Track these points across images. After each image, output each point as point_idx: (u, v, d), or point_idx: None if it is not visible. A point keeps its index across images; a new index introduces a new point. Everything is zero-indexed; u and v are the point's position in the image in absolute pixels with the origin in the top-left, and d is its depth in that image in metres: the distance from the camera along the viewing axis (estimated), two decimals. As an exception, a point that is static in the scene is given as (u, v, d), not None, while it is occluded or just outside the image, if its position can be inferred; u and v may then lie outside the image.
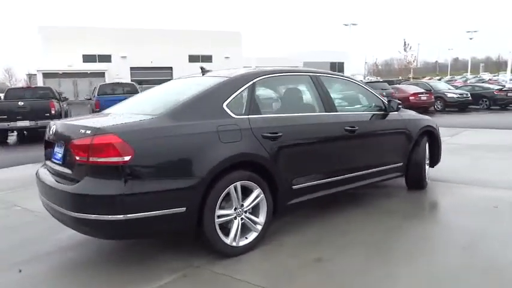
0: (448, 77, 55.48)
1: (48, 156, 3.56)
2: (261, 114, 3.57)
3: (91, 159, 2.83)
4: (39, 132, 12.68)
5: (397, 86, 20.88)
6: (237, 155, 3.23)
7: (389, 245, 3.51)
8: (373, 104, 4.70)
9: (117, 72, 38.17)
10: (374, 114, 4.58)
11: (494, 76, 55.12)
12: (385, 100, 4.76)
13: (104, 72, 39.64)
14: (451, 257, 3.21)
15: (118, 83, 18.00)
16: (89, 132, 2.89)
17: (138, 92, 15.72)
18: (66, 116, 14.06)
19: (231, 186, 3.21)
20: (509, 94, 21.04)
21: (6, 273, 3.20)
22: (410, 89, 19.80)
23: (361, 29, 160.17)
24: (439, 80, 45.82)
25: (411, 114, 5.17)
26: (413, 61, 42.05)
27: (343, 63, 56.63)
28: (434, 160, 5.41)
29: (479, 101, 21.11)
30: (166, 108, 3.19)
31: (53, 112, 12.56)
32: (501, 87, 22.41)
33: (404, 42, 36.40)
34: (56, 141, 3.36)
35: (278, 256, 3.33)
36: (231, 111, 3.36)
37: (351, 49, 50.74)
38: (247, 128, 3.35)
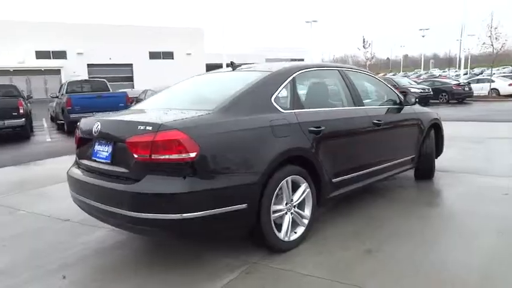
0: (402, 73, 58.00)
1: (85, 155, 3.37)
2: (304, 108, 3.58)
3: (154, 156, 2.72)
4: (5, 132, 12.00)
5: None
6: (290, 149, 3.23)
7: (430, 233, 3.64)
8: (391, 98, 4.84)
9: (74, 70, 36.47)
10: (393, 108, 4.72)
11: (444, 72, 58.37)
12: (401, 95, 4.93)
13: (60, 70, 37.78)
14: (491, 240, 3.40)
15: (87, 80, 17.24)
16: (149, 128, 2.77)
17: (109, 90, 15.13)
18: (30, 115, 13.32)
19: (284, 181, 3.20)
20: (465, 89, 22.39)
21: (50, 280, 3.01)
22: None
23: (321, 26, 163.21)
24: (393, 75, 47.69)
25: (420, 107, 5.38)
26: (372, 58, 43.43)
27: (303, 59, 57.52)
28: (439, 151, 5.66)
29: (439, 96, 22.28)
30: (219, 103, 3.12)
31: (21, 111, 11.86)
32: (458, 82, 23.74)
33: (364, 39, 37.33)
34: (99, 139, 3.19)
35: (329, 249, 3.36)
36: (278, 105, 3.35)
37: (311, 46, 51.55)
38: (296, 122, 3.36)
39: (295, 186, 3.37)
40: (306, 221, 3.45)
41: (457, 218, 4.01)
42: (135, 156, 2.80)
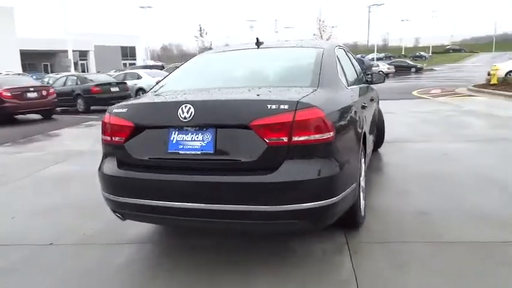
0: None
1: (148, 149, 2.65)
2: (349, 86, 3.59)
3: (295, 138, 2.36)
4: None
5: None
6: (368, 124, 3.25)
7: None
8: (363, 77, 5.23)
9: None
10: (368, 87, 5.13)
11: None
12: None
13: None
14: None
15: None
16: (285, 107, 2.37)
17: None
18: None
19: (363, 158, 3.22)
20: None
21: None
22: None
23: (156, 12, 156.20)
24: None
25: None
26: (210, 47, 44.53)
27: (134, 47, 54.84)
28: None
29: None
30: (310, 80, 2.87)
31: None
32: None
33: (200, 27, 37.96)
34: (187, 126, 2.54)
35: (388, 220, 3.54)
36: (342, 82, 3.29)
37: (145, 32, 49.36)
38: (356, 99, 3.37)
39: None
40: (363, 194, 3.53)
41: (400, 169, 4.88)
42: (267, 141, 2.38)
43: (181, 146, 2.55)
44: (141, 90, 17.09)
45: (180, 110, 2.50)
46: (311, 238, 3.15)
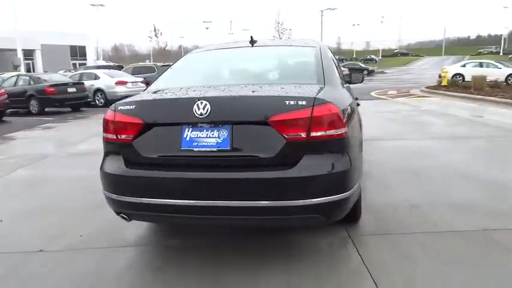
0: None
1: (159, 147, 2.57)
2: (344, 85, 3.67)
3: (313, 134, 2.40)
4: None
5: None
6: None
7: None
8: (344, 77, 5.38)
9: None
10: (349, 86, 5.28)
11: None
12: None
13: None
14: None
15: None
16: (303, 103, 2.40)
17: None
18: None
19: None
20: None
21: None
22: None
23: (107, 11, 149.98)
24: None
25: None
26: (165, 47, 43.73)
27: (84, 47, 52.67)
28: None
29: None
30: (315, 78, 2.91)
31: None
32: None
33: (155, 27, 37.16)
34: (202, 123, 2.49)
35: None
36: (339, 80, 3.37)
37: (95, 32, 47.52)
38: (353, 97, 3.47)
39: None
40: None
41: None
42: (285, 136, 2.39)
43: (196, 143, 2.50)
44: (99, 92, 16.45)
45: (195, 107, 2.45)
46: (313, 233, 3.20)
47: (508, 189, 4.16)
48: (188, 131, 2.52)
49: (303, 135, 2.39)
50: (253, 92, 2.67)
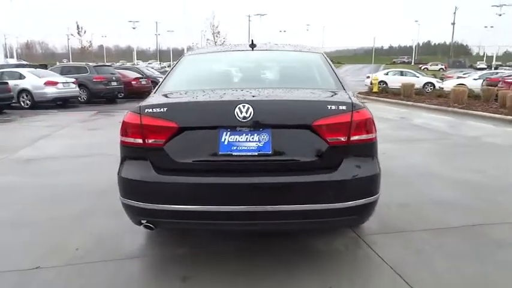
0: (146, 63, 58.09)
1: (194, 151, 2.46)
2: None
3: (352, 138, 2.47)
4: None
5: (118, 70, 20.54)
6: None
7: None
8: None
9: None
10: None
11: (149, 64, 62.57)
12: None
13: None
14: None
15: None
16: (343, 108, 2.46)
17: None
18: None
19: None
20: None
21: None
22: (130, 74, 20.04)
23: (17, 4, 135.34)
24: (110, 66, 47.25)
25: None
26: (89, 46, 41.13)
27: (-5, 43, 47.73)
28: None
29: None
30: (334, 83, 3.00)
31: None
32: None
33: (77, 25, 34.86)
34: (242, 126, 2.43)
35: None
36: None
37: (2, 28, 43.34)
38: None
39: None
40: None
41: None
42: (328, 140, 2.43)
43: (235, 147, 2.44)
44: (24, 92, 15.03)
45: (237, 110, 2.40)
46: (324, 236, 3.27)
47: (474, 187, 4.62)
48: (226, 135, 2.45)
49: (343, 139, 2.46)
50: (293, 96, 2.68)
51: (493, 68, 40.32)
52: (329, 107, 2.47)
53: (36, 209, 4.00)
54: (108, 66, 19.93)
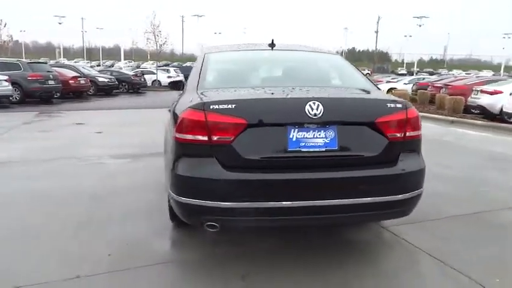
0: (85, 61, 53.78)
1: (262, 148, 2.46)
2: None
3: (408, 134, 2.64)
4: None
5: (54, 68, 19.06)
6: None
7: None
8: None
9: None
10: None
11: (76, 62, 59.08)
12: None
13: None
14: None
15: None
16: (399, 106, 2.62)
17: None
18: None
19: None
20: (142, 79, 24.41)
21: None
22: (67, 72, 18.75)
23: None
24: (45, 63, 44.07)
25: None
26: (9, 42, 37.58)
27: None
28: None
29: (120, 85, 23.02)
30: (365, 83, 3.15)
31: None
32: (136, 73, 25.38)
33: (-2, 18, 31.70)
34: (310, 123, 2.47)
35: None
36: None
37: None
38: None
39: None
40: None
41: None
42: (388, 136, 2.57)
43: (303, 144, 2.49)
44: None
45: (307, 107, 2.45)
46: (351, 230, 3.41)
47: (452, 180, 5.07)
48: (294, 131, 2.49)
49: (400, 135, 2.63)
50: (356, 94, 2.79)
51: (414, 74, 44.00)
52: (388, 105, 2.62)
53: (43, 218, 3.66)
54: (44, 63, 18.46)
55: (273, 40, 3.72)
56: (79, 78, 18.51)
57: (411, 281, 2.69)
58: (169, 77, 28.13)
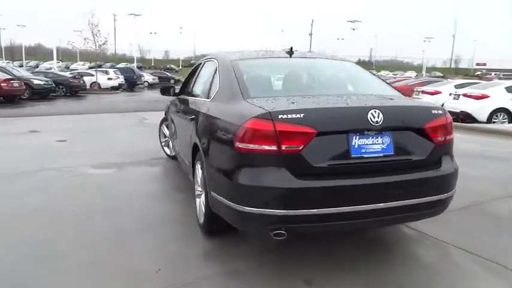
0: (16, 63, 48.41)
1: (327, 155, 2.57)
2: None
3: (447, 137, 2.89)
4: None
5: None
6: None
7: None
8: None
9: None
10: None
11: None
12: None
13: None
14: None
15: None
16: (441, 112, 2.87)
17: None
18: None
19: None
20: (81, 82, 23.08)
21: None
22: (-3, 74, 17.18)
23: None
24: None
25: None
26: None
27: None
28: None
29: (56, 88, 21.55)
30: (392, 92, 3.37)
31: None
32: (74, 75, 23.88)
33: None
34: (369, 130, 2.61)
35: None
36: None
37: None
38: None
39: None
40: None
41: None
42: (434, 140, 2.79)
43: (364, 150, 2.63)
44: None
45: (370, 115, 2.59)
46: (375, 230, 3.61)
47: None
48: (356, 138, 2.62)
49: (442, 139, 2.88)
50: (404, 102, 2.99)
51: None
52: (433, 111, 2.85)
53: (62, 240, 3.41)
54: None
55: (291, 48, 3.82)
56: (12, 81, 17.04)
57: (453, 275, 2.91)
58: (109, 78, 26.93)
